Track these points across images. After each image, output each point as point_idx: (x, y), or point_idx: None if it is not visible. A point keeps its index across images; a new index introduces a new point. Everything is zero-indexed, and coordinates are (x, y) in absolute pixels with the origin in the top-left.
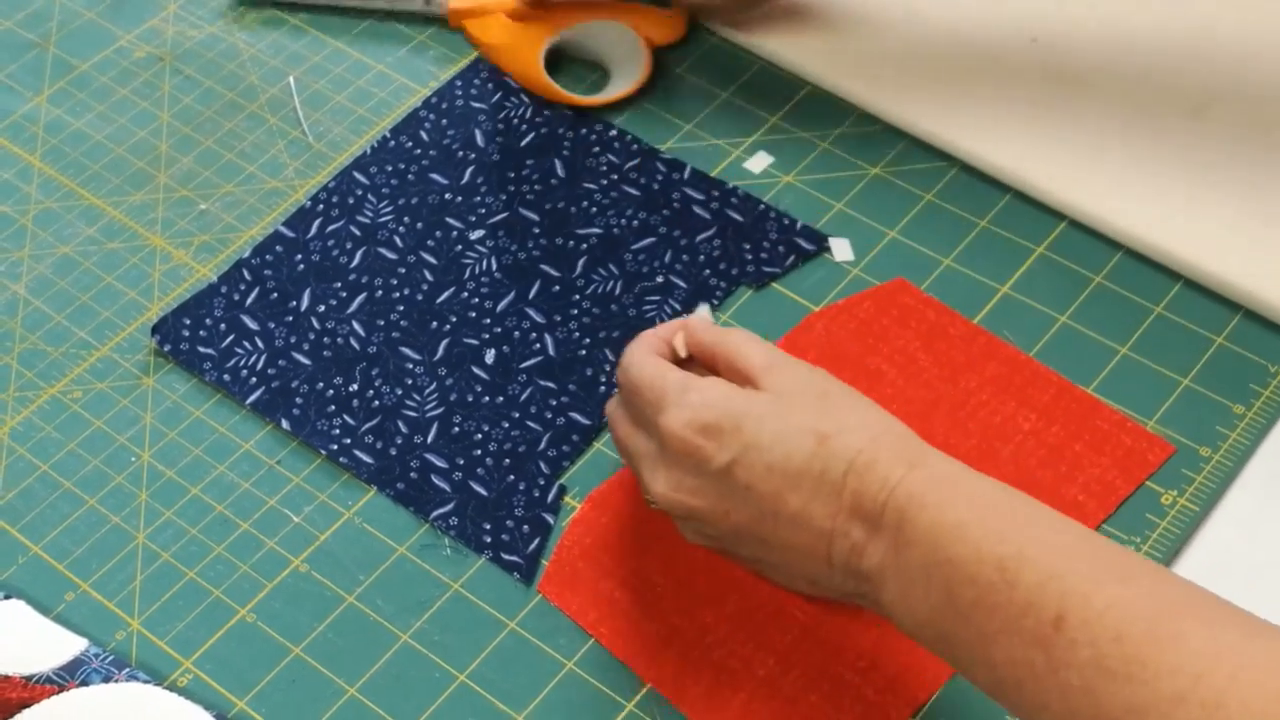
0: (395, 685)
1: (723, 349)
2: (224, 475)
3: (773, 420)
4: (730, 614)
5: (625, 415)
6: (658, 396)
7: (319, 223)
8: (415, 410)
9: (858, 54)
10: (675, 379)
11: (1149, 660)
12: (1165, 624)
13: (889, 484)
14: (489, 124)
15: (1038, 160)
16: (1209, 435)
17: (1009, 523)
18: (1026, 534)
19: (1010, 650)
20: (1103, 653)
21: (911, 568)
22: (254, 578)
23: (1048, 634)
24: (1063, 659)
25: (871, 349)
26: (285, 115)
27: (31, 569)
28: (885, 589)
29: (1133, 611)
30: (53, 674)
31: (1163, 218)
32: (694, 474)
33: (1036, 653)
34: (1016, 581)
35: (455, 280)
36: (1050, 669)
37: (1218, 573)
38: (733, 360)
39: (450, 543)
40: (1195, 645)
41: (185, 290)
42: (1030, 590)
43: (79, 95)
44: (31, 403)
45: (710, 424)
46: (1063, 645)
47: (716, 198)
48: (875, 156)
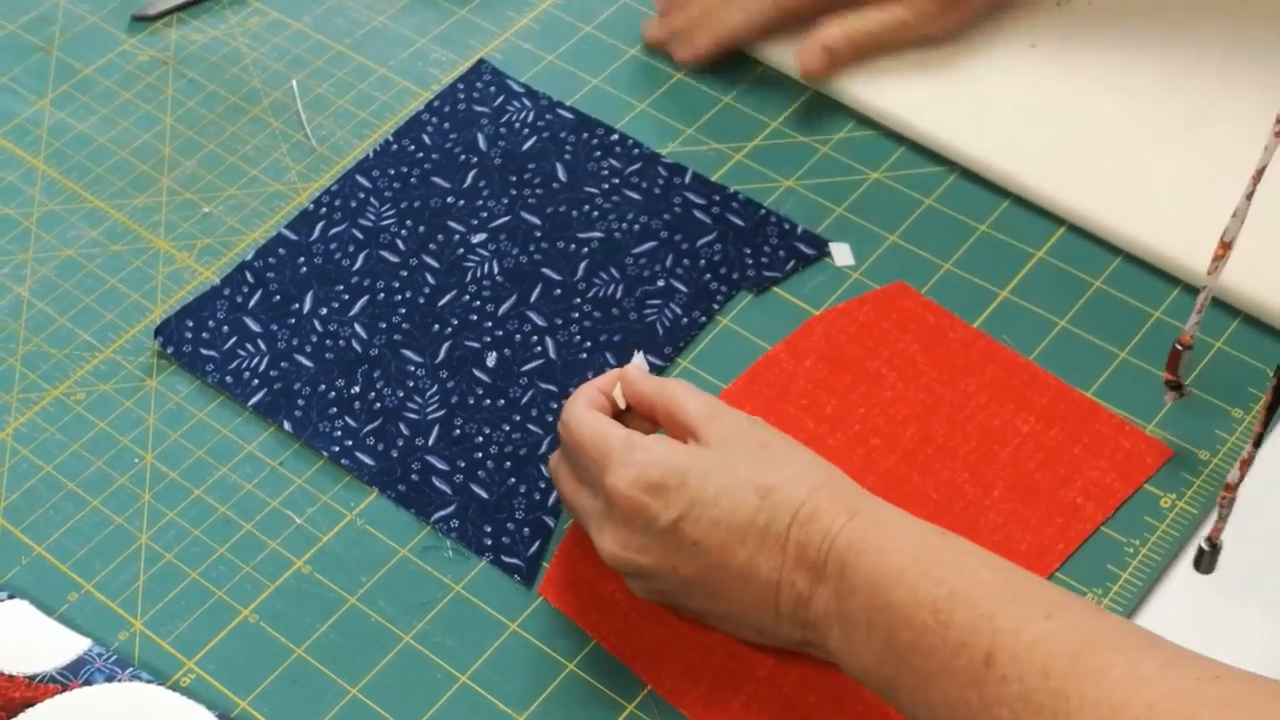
0: (397, 686)
1: (661, 400)
2: (226, 477)
3: (717, 475)
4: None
5: (569, 471)
6: (602, 454)
7: (321, 226)
8: (417, 412)
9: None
10: (618, 436)
11: (1072, 693)
12: (1089, 657)
13: (830, 533)
14: (491, 128)
15: (1037, 165)
16: (1207, 439)
17: (944, 565)
18: (960, 575)
19: (947, 690)
20: (1030, 688)
21: (854, 613)
22: (256, 579)
23: (980, 672)
24: (994, 695)
25: (871, 352)
26: (288, 119)
27: (35, 569)
28: (831, 635)
29: (1058, 646)
30: (56, 673)
31: (1161, 223)
32: (641, 532)
33: (971, 691)
34: (950, 622)
35: (457, 283)
36: (984, 706)
37: (1215, 575)
38: (672, 412)
39: (451, 545)
40: (1116, 676)
41: (188, 293)
42: (963, 630)
43: (83, 99)
44: (35, 404)
45: (655, 482)
46: (994, 682)
47: (717, 202)
48: (875, 161)
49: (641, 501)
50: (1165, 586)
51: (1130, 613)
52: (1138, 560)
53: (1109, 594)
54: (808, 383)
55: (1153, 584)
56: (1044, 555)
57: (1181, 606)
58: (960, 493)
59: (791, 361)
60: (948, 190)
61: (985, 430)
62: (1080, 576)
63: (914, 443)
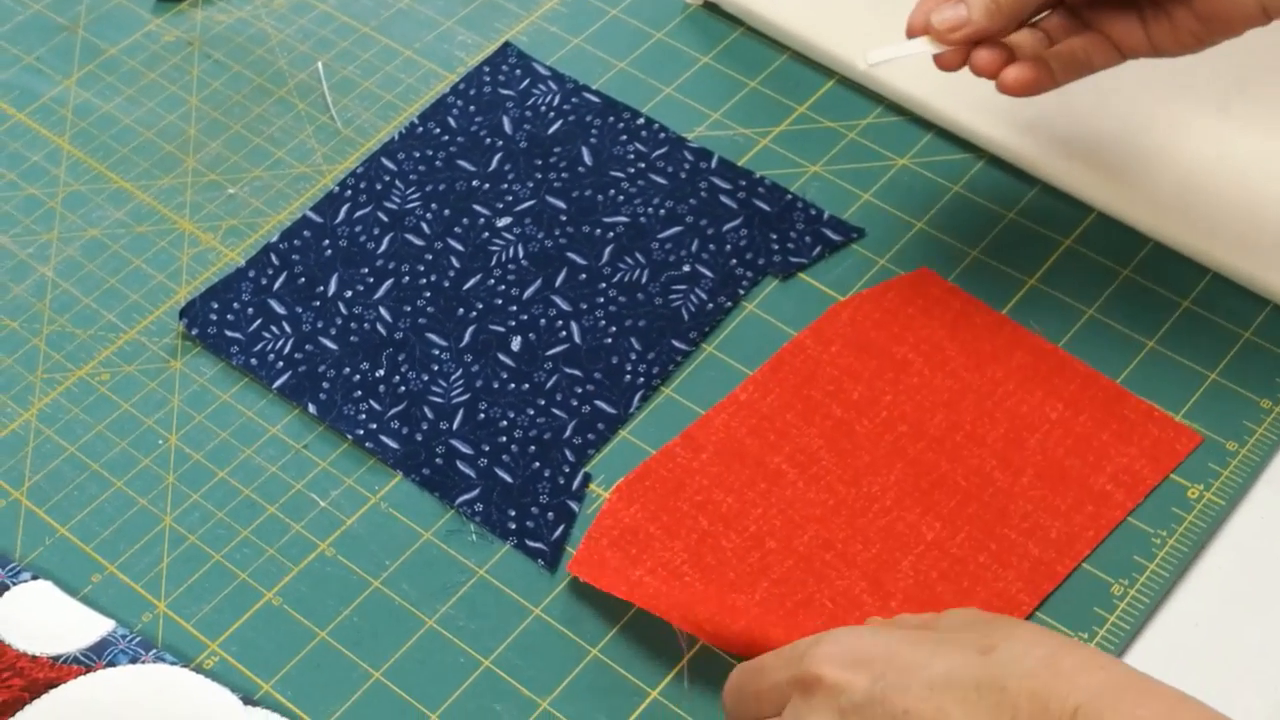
0: (420, 670)
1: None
2: (251, 459)
3: (928, 641)
4: (761, 599)
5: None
6: (788, 652)
7: (347, 208)
8: (441, 396)
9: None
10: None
11: None
12: None
13: (1072, 693)
14: (516, 111)
15: (1066, 152)
16: (1236, 429)
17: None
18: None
19: None
20: None
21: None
22: (280, 561)
23: None
24: None
25: (897, 338)
26: (314, 100)
27: (59, 550)
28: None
29: None
30: (80, 654)
31: (1192, 211)
32: (848, 713)
33: None
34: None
35: (482, 267)
36: None
37: (1244, 567)
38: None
39: (475, 529)
40: None
41: (213, 274)
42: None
43: (108, 79)
44: (59, 385)
45: (859, 657)
46: None
47: (744, 187)
48: (902, 147)
49: (844, 677)
50: (1192, 578)
51: (1158, 604)
52: (1165, 551)
53: (1136, 585)
54: (834, 369)
55: (1180, 575)
56: (1074, 542)
57: (1209, 598)
58: (989, 480)
59: (817, 348)
60: (975, 177)
61: (1013, 417)
62: (1107, 567)
63: (941, 429)
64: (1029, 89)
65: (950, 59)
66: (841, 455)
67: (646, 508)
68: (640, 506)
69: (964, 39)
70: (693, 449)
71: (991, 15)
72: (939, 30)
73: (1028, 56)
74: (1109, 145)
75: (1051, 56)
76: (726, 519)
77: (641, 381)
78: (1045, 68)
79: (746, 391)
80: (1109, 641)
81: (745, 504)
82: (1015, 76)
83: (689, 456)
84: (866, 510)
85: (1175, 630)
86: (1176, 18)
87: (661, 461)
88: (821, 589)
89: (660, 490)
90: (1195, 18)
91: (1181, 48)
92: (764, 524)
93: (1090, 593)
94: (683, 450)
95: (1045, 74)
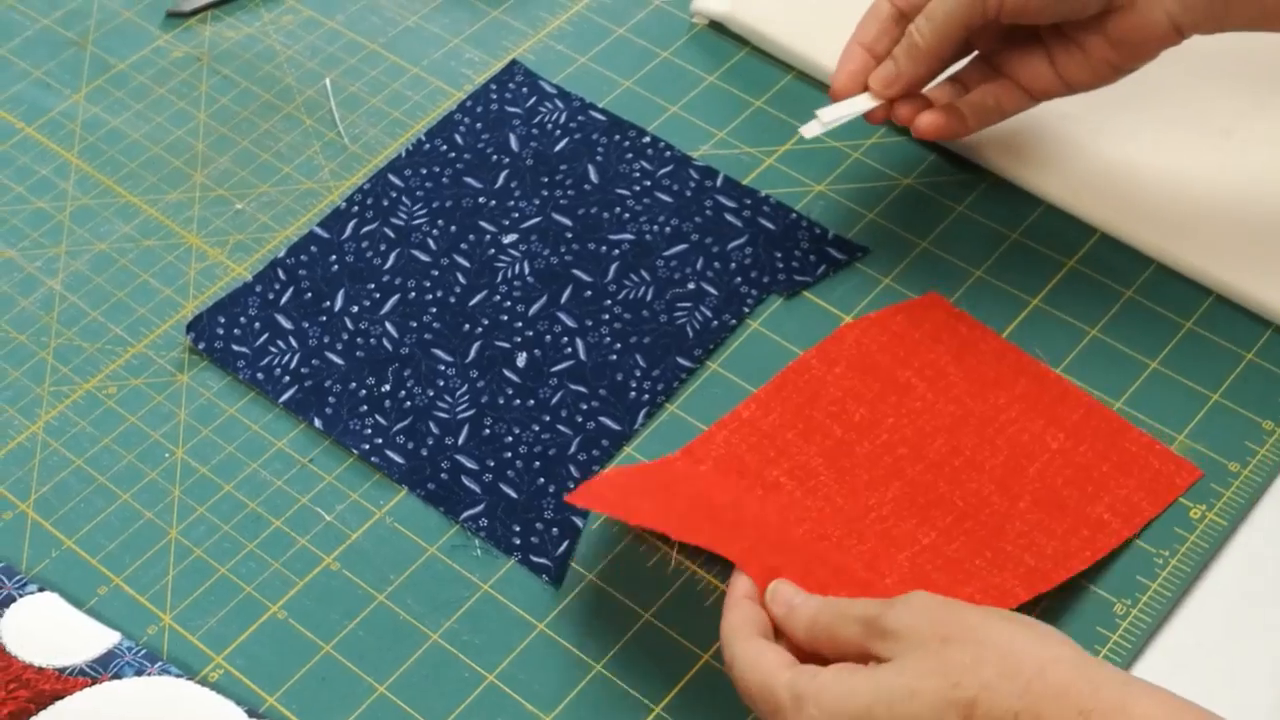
0: (425, 684)
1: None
2: (256, 473)
3: (902, 706)
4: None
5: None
6: (773, 711)
7: (354, 224)
8: (447, 412)
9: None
10: (784, 686)
11: None
12: None
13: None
14: (523, 128)
15: (1069, 174)
16: (1238, 451)
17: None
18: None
19: None
20: None
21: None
22: (285, 575)
23: None
24: None
25: (902, 361)
26: (321, 117)
27: (65, 563)
28: None
29: None
30: (86, 666)
31: (1194, 233)
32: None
33: None
34: None
35: (488, 283)
36: None
37: (1246, 588)
38: (834, 635)
39: (480, 544)
40: None
41: (220, 289)
42: None
43: (116, 94)
44: (66, 398)
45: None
46: None
47: (749, 206)
48: (907, 167)
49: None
50: (1194, 598)
51: (1160, 623)
52: (1167, 571)
53: (1138, 605)
54: (837, 390)
55: (1182, 595)
56: (1068, 560)
57: (1211, 618)
58: (986, 502)
59: (822, 368)
60: (979, 197)
61: (1014, 444)
62: (1110, 587)
63: (941, 454)
64: (941, 133)
65: (876, 114)
66: (840, 473)
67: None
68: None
69: (899, 91)
70: (692, 461)
71: (916, 61)
72: (876, 88)
73: (939, 108)
74: (1112, 167)
75: (963, 104)
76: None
77: (646, 398)
78: (957, 113)
79: (749, 409)
80: (1112, 660)
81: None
82: (928, 122)
83: (687, 467)
84: (863, 517)
85: (1178, 649)
86: (1089, 48)
87: (660, 469)
88: (814, 570)
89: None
90: (1108, 44)
91: (1097, 79)
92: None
93: (1093, 612)
94: (681, 462)
95: (957, 119)
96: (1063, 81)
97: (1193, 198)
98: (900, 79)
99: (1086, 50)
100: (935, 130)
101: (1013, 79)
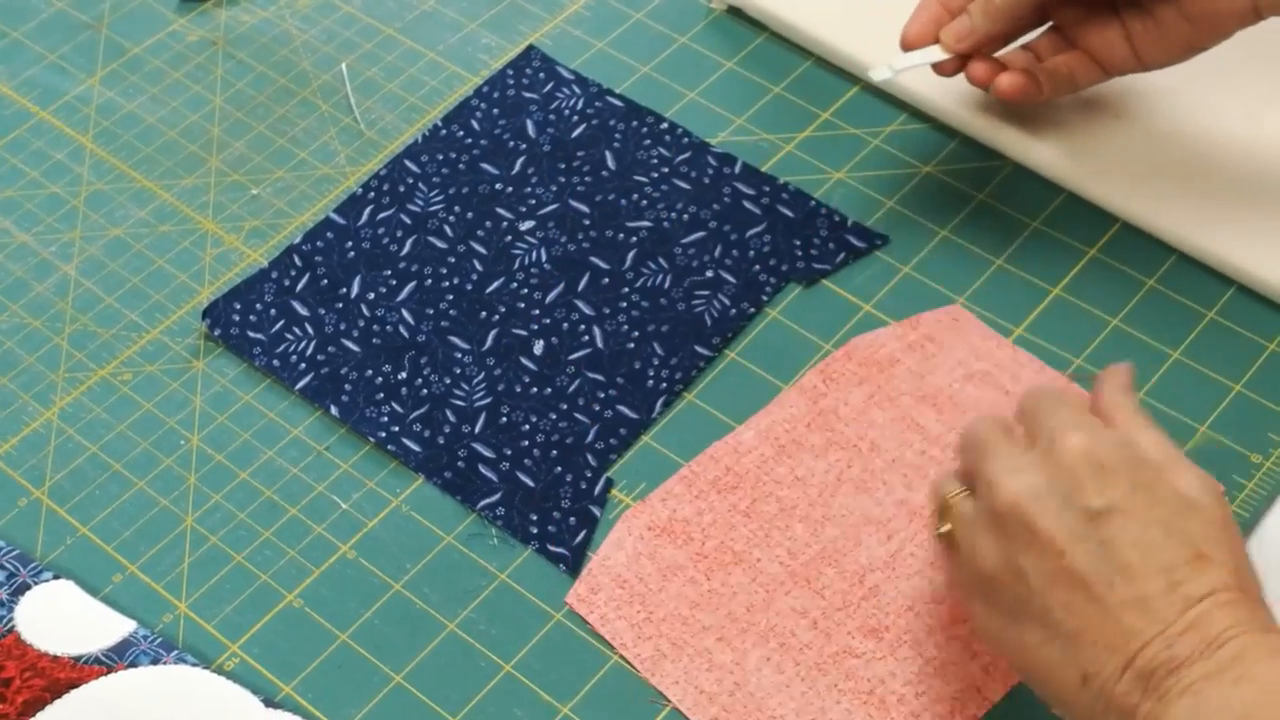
0: (441, 673)
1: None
2: (272, 460)
3: (1163, 504)
4: None
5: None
6: (1054, 408)
7: (370, 210)
8: (463, 399)
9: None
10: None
11: None
12: None
13: (1240, 628)
14: (540, 114)
15: (1091, 162)
16: (1260, 441)
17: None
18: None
19: None
20: None
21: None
22: (301, 563)
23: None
24: None
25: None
26: (337, 102)
27: (80, 550)
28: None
29: None
30: (101, 655)
31: (1216, 222)
32: (1062, 504)
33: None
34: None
35: (505, 271)
36: None
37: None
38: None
39: (497, 533)
40: None
41: (236, 275)
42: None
43: (131, 78)
44: (81, 384)
45: (1105, 463)
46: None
47: (767, 193)
48: (927, 155)
49: (1081, 475)
50: None
51: None
52: None
53: None
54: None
55: None
56: None
57: None
58: None
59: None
60: (1000, 185)
61: None
62: None
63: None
64: (1019, 93)
65: (948, 65)
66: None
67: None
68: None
69: (970, 47)
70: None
71: (991, 18)
72: (948, 41)
73: (1018, 69)
74: (1135, 155)
75: (1039, 71)
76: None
77: (664, 387)
78: (1034, 79)
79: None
80: None
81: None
82: (1009, 82)
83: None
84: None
85: None
86: (1165, 22)
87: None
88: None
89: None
90: (1185, 19)
91: (1169, 56)
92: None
93: None
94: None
95: (1034, 84)
96: (1137, 57)
97: (1216, 186)
98: (974, 34)
99: (1163, 26)
100: (1015, 90)
101: (1087, 51)
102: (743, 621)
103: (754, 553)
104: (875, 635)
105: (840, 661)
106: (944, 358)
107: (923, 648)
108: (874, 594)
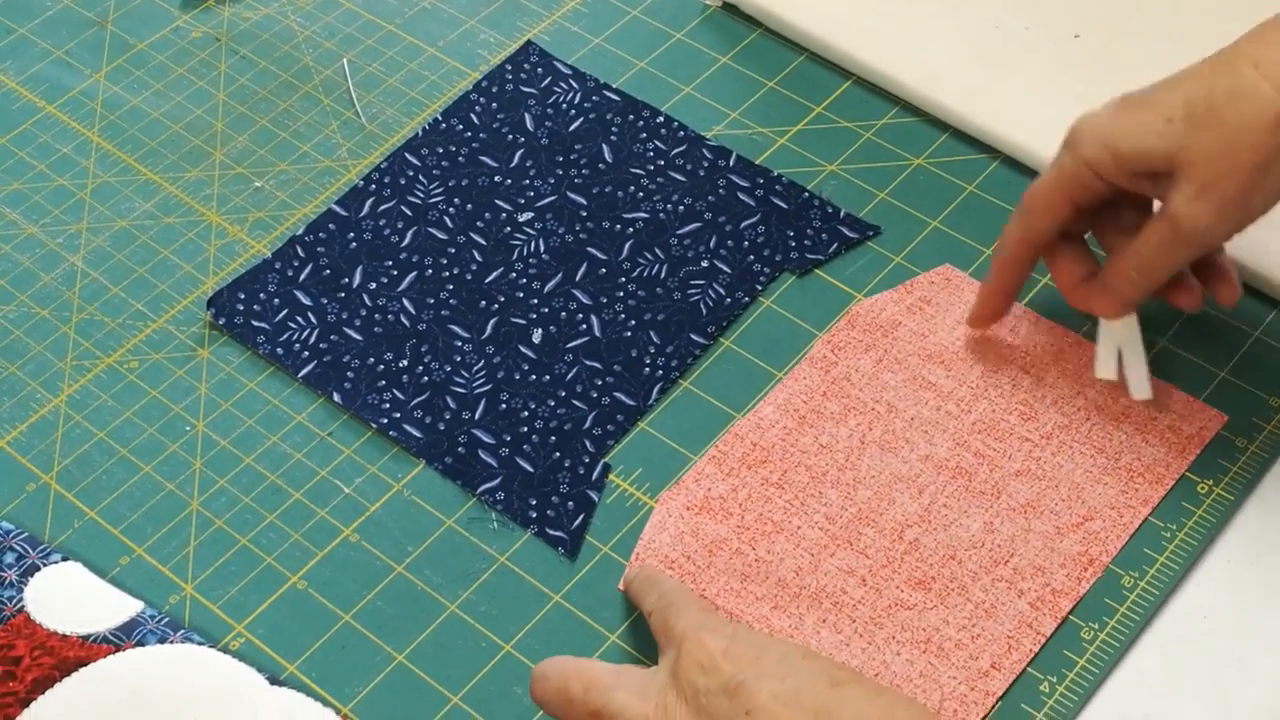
0: (442, 654)
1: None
2: (276, 446)
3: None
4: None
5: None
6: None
7: (371, 202)
8: (463, 387)
9: (903, 45)
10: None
11: None
12: None
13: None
14: (538, 108)
15: None
16: (1245, 426)
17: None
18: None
19: None
20: None
21: None
22: (305, 546)
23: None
24: None
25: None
26: (339, 97)
27: (87, 533)
28: None
29: None
30: (109, 634)
31: None
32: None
33: None
34: None
35: (504, 261)
36: None
37: (1253, 561)
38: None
39: (497, 517)
40: None
41: (240, 265)
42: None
43: (136, 73)
44: (89, 371)
45: (727, 649)
46: None
47: (761, 185)
48: (918, 147)
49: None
50: (1201, 571)
51: (1167, 596)
52: (1174, 545)
53: (1145, 578)
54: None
55: (1189, 568)
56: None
57: (1218, 591)
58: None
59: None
60: (990, 177)
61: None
62: (1117, 561)
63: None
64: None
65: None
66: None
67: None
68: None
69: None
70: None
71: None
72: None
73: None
74: None
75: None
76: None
77: (660, 374)
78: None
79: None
80: (1119, 633)
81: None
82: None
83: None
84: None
85: (1184, 622)
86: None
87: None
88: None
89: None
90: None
91: None
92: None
93: (1101, 584)
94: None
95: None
96: None
97: None
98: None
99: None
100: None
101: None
102: (794, 587)
103: (793, 521)
104: (923, 586)
105: (894, 614)
106: (942, 317)
107: (970, 592)
108: (915, 548)
